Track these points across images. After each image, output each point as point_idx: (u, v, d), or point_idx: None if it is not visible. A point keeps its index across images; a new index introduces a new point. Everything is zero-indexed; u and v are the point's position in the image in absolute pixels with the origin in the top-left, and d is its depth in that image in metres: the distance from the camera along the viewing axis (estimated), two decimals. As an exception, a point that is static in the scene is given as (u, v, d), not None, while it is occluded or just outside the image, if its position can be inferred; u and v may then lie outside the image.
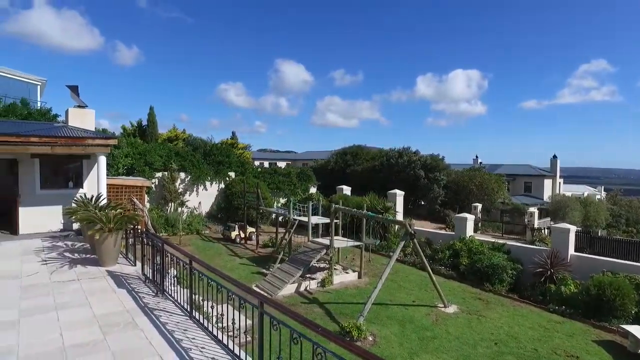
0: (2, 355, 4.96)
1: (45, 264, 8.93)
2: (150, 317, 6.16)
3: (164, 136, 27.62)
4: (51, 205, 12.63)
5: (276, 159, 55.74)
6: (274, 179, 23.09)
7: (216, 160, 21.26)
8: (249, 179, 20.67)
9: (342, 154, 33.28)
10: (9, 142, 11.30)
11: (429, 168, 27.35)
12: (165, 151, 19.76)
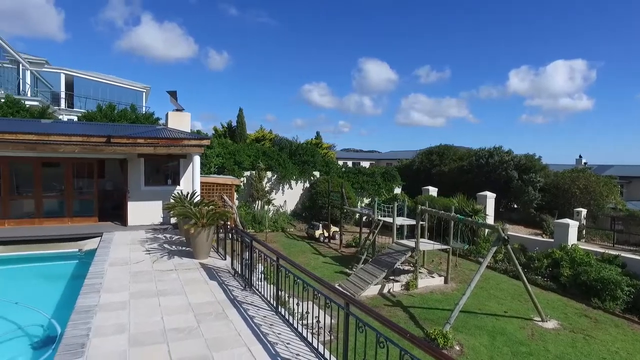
0: (118, 330, 5.52)
1: (149, 254, 9.78)
2: (239, 310, 6.41)
3: (252, 136, 28.96)
4: (153, 200, 13.84)
5: (360, 158, 55.64)
6: (358, 178, 23.04)
7: (301, 160, 21.76)
8: (333, 178, 20.85)
9: (427, 153, 32.20)
10: (121, 143, 12.59)
11: (523, 169, 25.34)
12: (253, 151, 20.70)
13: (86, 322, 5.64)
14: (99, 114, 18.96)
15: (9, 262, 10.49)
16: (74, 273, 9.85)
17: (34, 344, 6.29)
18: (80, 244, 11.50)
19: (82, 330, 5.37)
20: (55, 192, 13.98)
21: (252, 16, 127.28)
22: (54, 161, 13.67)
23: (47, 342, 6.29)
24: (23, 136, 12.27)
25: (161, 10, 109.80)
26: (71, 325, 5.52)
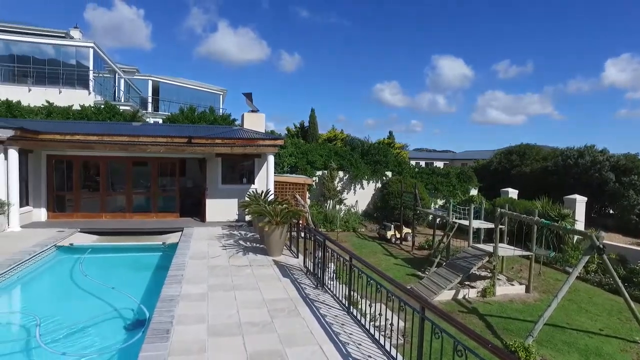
0: (198, 320, 5.81)
1: (225, 249, 10.22)
2: (311, 308, 6.45)
3: (323, 136, 29.27)
4: (229, 198, 14.47)
5: (433, 158, 53.93)
6: (431, 179, 22.31)
7: (373, 160, 21.55)
8: (406, 179, 20.39)
9: (506, 153, 30.33)
10: (201, 143, 13.32)
11: (621, 170, 22.88)
12: (326, 151, 20.88)
13: (170, 310, 6.00)
14: (181, 116, 20.28)
15: (106, 251, 11.53)
16: (158, 264, 10.57)
17: (126, 325, 6.81)
18: (163, 237, 12.32)
19: (167, 318, 5.72)
20: (143, 189, 15.17)
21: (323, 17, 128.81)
22: (142, 161, 14.83)
23: (137, 325, 6.79)
24: (118, 138, 13.44)
25: (236, 17, 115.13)
26: (157, 312, 5.91)
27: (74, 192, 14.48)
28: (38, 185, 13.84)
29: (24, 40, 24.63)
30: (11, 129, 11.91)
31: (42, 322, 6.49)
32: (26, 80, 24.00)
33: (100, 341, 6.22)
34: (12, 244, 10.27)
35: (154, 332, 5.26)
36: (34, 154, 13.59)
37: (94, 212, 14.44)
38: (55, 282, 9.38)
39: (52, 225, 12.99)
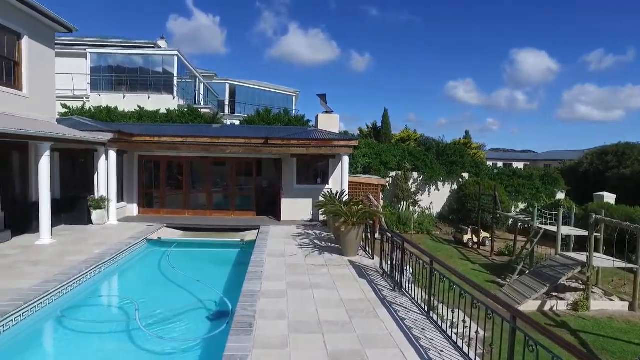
0: (279, 316, 5.95)
1: (301, 248, 10.38)
2: (389, 310, 6.32)
3: (396, 137, 28.81)
4: (303, 198, 14.69)
5: (511, 159, 50.68)
6: (512, 181, 21.00)
7: (449, 161, 20.78)
8: (484, 180, 19.40)
9: (600, 153, 27.66)
10: (277, 144, 13.67)
11: None
12: (399, 151, 20.52)
13: (252, 305, 6.19)
14: (257, 117, 21.03)
15: (189, 246, 12.24)
16: (237, 260, 11.02)
17: (209, 316, 7.17)
18: (241, 234, 12.81)
19: (249, 312, 5.91)
20: (222, 188, 15.92)
21: (393, 15, 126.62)
22: (220, 161, 15.56)
23: (219, 316, 7.13)
24: (200, 139, 14.24)
25: (306, 18, 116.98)
26: (240, 306, 6.13)
27: (161, 189, 15.58)
28: (131, 183, 15.09)
29: (120, 52, 27.02)
30: (111, 132, 13.10)
31: (139, 307, 7.02)
32: (121, 88, 26.31)
33: (188, 329, 6.61)
34: (111, 236, 11.28)
35: (238, 325, 5.45)
36: (127, 154, 14.82)
37: (177, 208, 15.43)
38: (146, 272, 10.13)
39: (142, 219, 14.08)
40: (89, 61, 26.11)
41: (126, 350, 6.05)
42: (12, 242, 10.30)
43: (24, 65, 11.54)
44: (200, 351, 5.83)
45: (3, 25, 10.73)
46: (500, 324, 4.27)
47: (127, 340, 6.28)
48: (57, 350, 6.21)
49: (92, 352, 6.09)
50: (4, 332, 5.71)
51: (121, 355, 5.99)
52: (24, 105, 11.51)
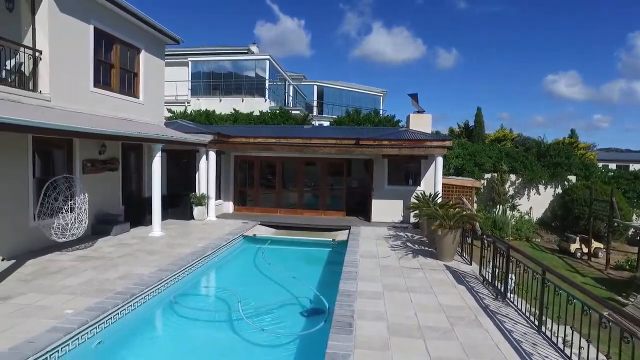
0: (377, 317, 5.88)
1: (393, 250, 10.20)
2: (493, 320, 5.93)
3: (491, 136, 27.15)
4: (394, 199, 14.45)
5: (628, 160, 44.91)
6: (633, 185, 18.61)
7: (552, 162, 19.04)
8: (596, 184, 17.45)
9: None
10: (369, 145, 13.61)
11: None
12: (495, 152, 19.29)
13: (350, 305, 6.19)
14: (347, 118, 21.15)
15: (282, 243, 12.67)
16: (328, 259, 11.15)
17: (304, 313, 7.32)
18: (332, 234, 12.96)
19: (347, 312, 5.92)
20: (312, 187, 16.25)
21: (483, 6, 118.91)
22: (311, 161, 15.88)
23: (314, 313, 7.25)
24: (293, 140, 14.68)
25: (390, 17, 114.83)
26: (338, 306, 6.17)
27: (254, 188, 16.34)
28: (227, 182, 16.03)
29: (216, 59, 28.96)
30: (211, 134, 14.04)
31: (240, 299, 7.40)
32: (217, 92, 28.18)
33: (284, 323, 6.81)
34: (211, 231, 12.08)
35: (338, 324, 5.47)
36: (224, 154, 15.77)
37: (270, 207, 16.06)
38: (243, 266, 10.67)
39: (237, 217, 14.89)
40: (190, 68, 28.34)
41: (228, 339, 6.40)
42: (130, 232, 11.50)
43: (141, 75, 12.82)
44: (299, 346, 5.97)
45: (127, 42, 12.02)
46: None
47: (229, 330, 6.65)
48: (171, 331, 6.76)
49: (199, 336, 6.55)
50: (133, 311, 6.37)
51: (225, 343, 6.35)
52: (140, 111, 12.77)
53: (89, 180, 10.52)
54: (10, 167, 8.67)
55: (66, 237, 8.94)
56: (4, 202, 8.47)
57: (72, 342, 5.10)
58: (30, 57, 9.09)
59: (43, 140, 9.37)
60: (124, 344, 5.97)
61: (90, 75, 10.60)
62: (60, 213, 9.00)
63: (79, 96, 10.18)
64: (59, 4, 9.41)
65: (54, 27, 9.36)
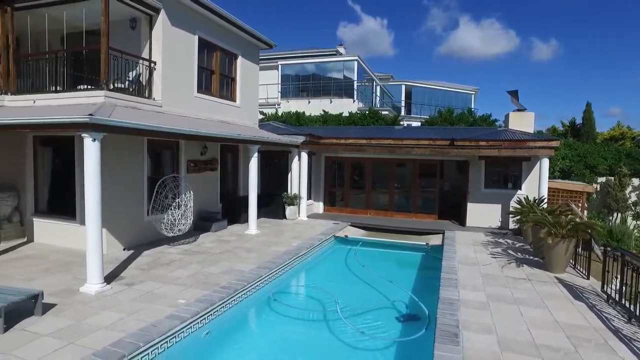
0: (484, 330, 5.48)
1: (494, 258, 9.53)
2: (628, 346, 5.18)
3: (603, 135, 24.36)
4: (491, 203, 13.54)
5: None
6: None
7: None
8: None
9: None
10: (464, 145, 12.92)
11: None
12: (612, 153, 17.23)
13: (453, 314, 5.86)
14: (439, 118, 20.36)
15: (373, 245, 12.47)
16: (422, 263, 10.76)
17: (400, 318, 7.10)
18: (425, 238, 12.49)
19: (451, 321, 5.59)
20: (403, 189, 15.84)
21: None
22: (401, 162, 15.48)
23: (410, 319, 7.00)
24: (384, 141, 14.44)
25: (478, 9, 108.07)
26: (440, 314, 5.86)
27: (344, 189, 16.37)
28: (318, 182, 16.25)
29: (305, 62, 29.65)
30: (303, 135, 14.33)
31: (338, 300, 7.38)
32: (305, 94, 28.84)
33: (380, 327, 6.66)
34: (303, 231, 12.31)
35: (442, 333, 5.19)
36: (315, 155, 16.00)
37: (360, 208, 15.97)
38: (336, 267, 10.67)
39: (326, 217, 15.01)
40: (280, 71, 29.35)
41: (326, 339, 6.40)
42: (228, 230, 12.14)
43: (238, 80, 13.48)
44: (398, 352, 5.78)
45: (226, 49, 12.72)
46: None
47: (327, 330, 6.66)
48: (270, 327, 6.95)
49: (297, 334, 6.66)
50: (235, 305, 6.68)
51: (323, 343, 6.36)
52: (237, 114, 13.44)
53: (192, 179, 11.28)
54: (131, 167, 9.61)
55: (174, 232, 9.68)
56: (126, 199, 9.41)
57: (186, 330, 5.45)
58: (147, 68, 9.98)
59: (154, 143, 10.25)
60: (228, 336, 6.25)
61: (194, 81, 11.37)
62: (169, 209, 9.76)
63: (185, 101, 10.97)
64: (170, 19, 10.22)
65: (166, 40, 10.18)
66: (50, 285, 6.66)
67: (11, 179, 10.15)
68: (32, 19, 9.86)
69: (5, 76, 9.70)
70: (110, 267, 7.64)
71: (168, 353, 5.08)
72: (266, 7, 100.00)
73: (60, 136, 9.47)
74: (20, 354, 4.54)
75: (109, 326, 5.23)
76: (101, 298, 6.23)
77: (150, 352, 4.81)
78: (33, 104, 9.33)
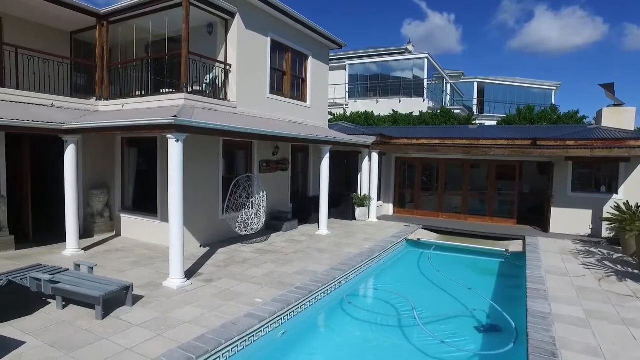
0: (588, 351, 4.91)
1: (588, 269, 8.64)
2: None
3: None
4: (580, 208, 12.39)
5: None
6: None
7: None
8: None
9: None
10: (549, 145, 11.96)
11: None
12: None
13: (547, 330, 5.33)
14: (518, 116, 19.09)
15: (447, 250, 11.88)
16: (500, 271, 10.08)
17: (480, 328, 6.64)
18: (503, 243, 11.70)
19: (546, 338, 5.09)
20: (478, 191, 15.00)
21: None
22: (474, 163, 14.66)
23: (490, 330, 6.54)
24: (459, 141, 13.78)
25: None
26: (532, 328, 5.37)
27: (415, 191, 15.85)
28: (388, 183, 15.89)
29: (373, 61, 29.29)
30: (374, 135, 14.07)
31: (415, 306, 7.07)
32: (372, 94, 28.47)
33: (460, 338, 6.26)
34: (374, 233, 12.06)
35: (537, 350, 4.73)
36: (386, 156, 15.65)
37: (431, 210, 15.36)
38: (409, 271, 10.29)
39: (396, 219, 14.60)
40: (347, 71, 29.25)
41: (403, 346, 6.14)
42: (298, 229, 12.21)
43: (308, 80, 13.54)
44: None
45: (297, 50, 12.82)
46: None
47: (402, 336, 6.40)
48: (344, 330, 6.78)
49: (373, 339, 6.45)
50: (310, 306, 6.62)
51: (399, 350, 6.10)
52: (307, 114, 13.49)
53: (264, 179, 11.47)
54: (207, 167, 9.96)
55: (247, 231, 9.88)
56: (203, 198, 9.77)
57: (264, 329, 5.46)
58: (223, 71, 10.30)
59: (229, 143, 10.55)
60: (302, 337, 6.20)
61: (267, 83, 11.56)
62: (243, 209, 9.99)
63: (258, 102, 11.18)
64: (245, 22, 10.46)
65: (241, 43, 10.43)
66: (138, 278, 7.04)
67: (102, 178, 10.97)
68: (122, 30, 10.59)
69: (100, 84, 10.50)
70: (188, 263, 7.93)
71: (246, 351, 5.11)
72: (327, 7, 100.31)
73: (144, 138, 10.07)
74: (118, 340, 4.81)
75: (192, 321, 5.37)
76: (182, 293, 6.46)
77: (231, 349, 4.86)
78: (122, 108, 9.99)
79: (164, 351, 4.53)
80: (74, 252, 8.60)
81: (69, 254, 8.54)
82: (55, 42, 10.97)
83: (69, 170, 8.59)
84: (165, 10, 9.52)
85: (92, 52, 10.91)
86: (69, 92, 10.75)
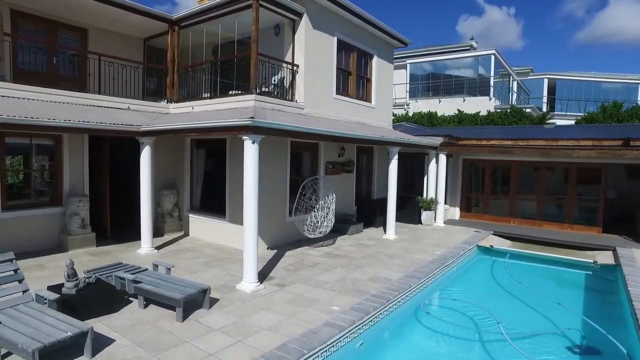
0: None
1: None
2: None
3: None
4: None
5: None
6: None
7: None
8: None
9: None
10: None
11: None
12: None
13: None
14: (602, 114, 17.53)
15: (523, 258, 11.02)
16: (589, 285, 9.20)
17: (573, 348, 6.00)
18: (587, 254, 10.71)
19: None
20: (555, 196, 13.89)
21: None
22: (550, 165, 13.56)
23: (587, 352, 5.89)
24: (534, 142, 12.86)
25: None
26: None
27: (484, 194, 14.98)
28: (455, 186, 15.15)
29: (435, 59, 28.29)
30: (441, 136, 13.45)
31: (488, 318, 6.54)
32: (432, 93, 27.48)
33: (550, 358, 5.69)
34: (443, 238, 11.49)
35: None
36: (452, 157, 14.93)
37: (501, 215, 14.44)
38: (484, 280, 9.63)
39: (463, 224, 13.84)
40: (408, 71, 28.47)
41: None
42: (364, 233, 11.90)
43: (373, 80, 13.19)
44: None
45: (363, 49, 12.52)
46: None
47: (485, 352, 5.92)
48: (424, 342, 6.40)
49: (453, 353, 6.01)
50: (387, 316, 6.29)
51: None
52: (372, 115, 13.14)
53: (330, 181, 11.27)
54: (275, 169, 9.91)
55: (315, 234, 9.71)
56: (271, 200, 9.72)
57: (343, 339, 5.22)
58: (290, 72, 10.22)
59: (296, 145, 10.45)
60: (381, 349, 5.89)
61: (333, 83, 11.36)
62: (312, 211, 9.83)
63: (324, 103, 11.01)
64: (312, 22, 10.33)
65: (308, 43, 10.30)
66: (211, 279, 7.07)
67: (172, 178, 11.29)
68: (192, 34, 10.85)
69: (171, 87, 10.81)
70: (259, 266, 7.87)
71: (327, 362, 4.89)
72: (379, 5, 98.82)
73: (213, 139, 10.21)
74: (200, 345, 4.78)
75: (271, 327, 5.25)
76: (257, 297, 6.38)
77: (312, 360, 4.66)
78: (192, 110, 10.20)
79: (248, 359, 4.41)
80: (148, 251, 8.86)
81: (143, 252, 8.80)
82: (130, 48, 11.46)
83: (144, 171, 8.86)
84: (235, 13, 9.60)
85: (162, 56, 11.28)
86: (142, 95, 11.18)
